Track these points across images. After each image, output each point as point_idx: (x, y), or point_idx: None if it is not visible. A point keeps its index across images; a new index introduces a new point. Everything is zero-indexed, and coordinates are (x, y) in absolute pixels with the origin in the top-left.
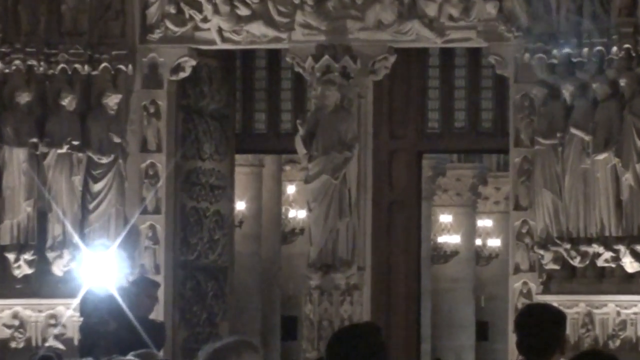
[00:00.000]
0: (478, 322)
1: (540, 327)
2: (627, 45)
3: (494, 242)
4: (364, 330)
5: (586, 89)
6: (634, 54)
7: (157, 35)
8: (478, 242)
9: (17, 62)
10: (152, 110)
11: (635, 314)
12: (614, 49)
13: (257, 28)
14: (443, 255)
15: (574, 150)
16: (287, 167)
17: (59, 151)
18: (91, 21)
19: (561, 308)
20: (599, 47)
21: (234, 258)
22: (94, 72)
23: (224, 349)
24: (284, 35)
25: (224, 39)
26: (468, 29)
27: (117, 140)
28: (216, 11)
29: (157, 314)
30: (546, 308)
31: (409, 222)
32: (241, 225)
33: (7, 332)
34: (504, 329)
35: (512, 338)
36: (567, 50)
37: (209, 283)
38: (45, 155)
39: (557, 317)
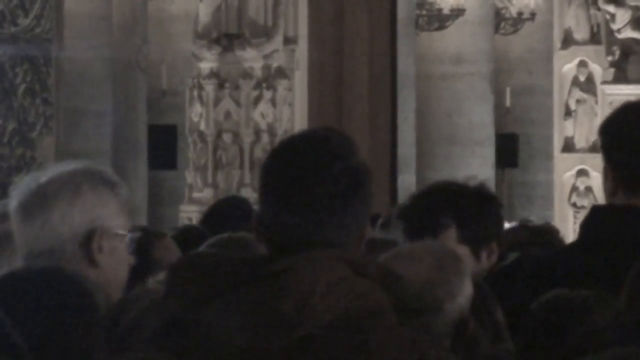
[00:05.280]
0: (500, 135)
1: None
2: None
3: None
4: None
5: None
6: None
7: None
8: None
9: None
10: None
11: None
12: None
13: None
14: (437, 16)
15: None
16: None
17: None
18: None
19: None
20: None
21: (63, 24)
22: None
23: (55, 184)
24: None
25: None
26: None
27: None
28: None
29: None
30: None
31: None
32: None
33: None
34: (546, 146)
35: (561, 161)
36: None
37: (19, 69)
38: None
39: None
